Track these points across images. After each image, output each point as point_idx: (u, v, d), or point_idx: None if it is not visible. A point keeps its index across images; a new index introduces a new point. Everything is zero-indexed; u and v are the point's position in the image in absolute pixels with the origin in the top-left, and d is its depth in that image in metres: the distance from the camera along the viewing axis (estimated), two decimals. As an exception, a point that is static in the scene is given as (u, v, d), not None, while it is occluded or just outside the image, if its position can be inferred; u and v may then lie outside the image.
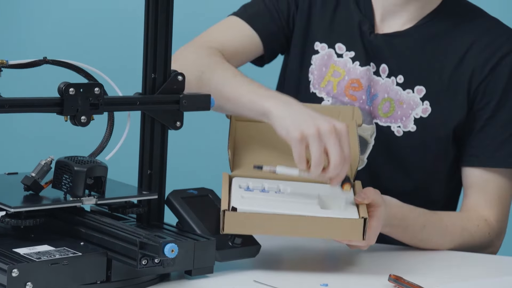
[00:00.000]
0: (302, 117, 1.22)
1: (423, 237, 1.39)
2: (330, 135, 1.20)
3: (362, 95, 1.47)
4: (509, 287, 1.24)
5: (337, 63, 1.49)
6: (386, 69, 1.48)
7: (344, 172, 1.23)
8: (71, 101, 1.15)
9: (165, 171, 1.26)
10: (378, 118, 1.48)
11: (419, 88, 1.47)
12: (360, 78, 1.47)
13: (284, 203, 1.23)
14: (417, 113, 1.47)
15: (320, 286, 1.19)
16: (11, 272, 1.03)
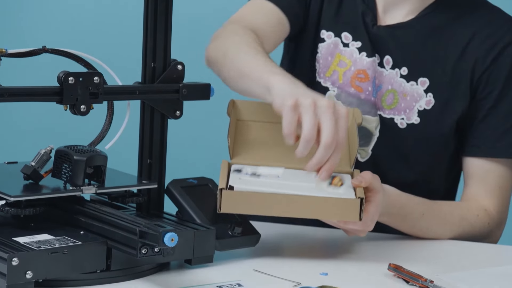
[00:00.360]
0: (303, 90, 1.15)
1: (422, 226, 1.39)
2: (327, 109, 1.10)
3: (368, 87, 1.47)
4: (508, 276, 1.25)
5: (343, 53, 1.48)
6: (390, 60, 1.47)
7: (334, 161, 1.13)
8: (71, 90, 1.15)
9: (164, 161, 1.26)
10: (381, 110, 1.48)
11: (422, 80, 1.47)
12: (366, 69, 1.47)
13: (282, 185, 1.23)
14: (420, 105, 1.47)
15: (320, 275, 1.19)
16: (11, 261, 1.03)
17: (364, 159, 1.49)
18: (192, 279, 1.15)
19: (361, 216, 1.19)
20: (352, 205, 1.19)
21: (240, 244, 1.25)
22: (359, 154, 1.49)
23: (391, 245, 1.37)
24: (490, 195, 1.47)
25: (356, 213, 1.19)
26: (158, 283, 1.13)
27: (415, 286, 1.16)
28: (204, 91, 1.27)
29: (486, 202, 1.46)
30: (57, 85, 1.15)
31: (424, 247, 1.37)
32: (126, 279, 1.13)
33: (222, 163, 1.28)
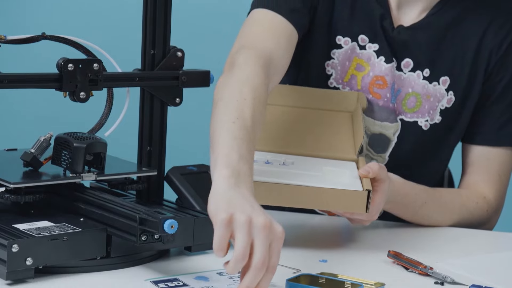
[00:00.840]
0: (240, 202, 1.00)
1: (424, 214, 1.39)
2: (262, 230, 0.98)
3: (387, 93, 1.44)
4: (508, 262, 1.25)
5: (360, 56, 1.44)
6: (411, 63, 1.44)
7: (265, 283, 0.98)
8: (70, 77, 1.15)
9: (164, 148, 1.26)
10: (403, 114, 1.45)
11: (443, 79, 1.45)
12: (385, 75, 1.44)
13: (288, 175, 1.23)
14: (442, 105, 1.45)
15: (319, 262, 1.20)
16: (11, 248, 1.03)
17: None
18: (192, 266, 1.16)
19: (368, 208, 1.19)
20: (359, 197, 1.19)
21: (240, 231, 1.25)
22: (376, 161, 1.47)
23: (390, 232, 1.37)
24: (489, 182, 1.47)
25: (363, 205, 1.19)
26: (158, 270, 1.13)
27: (415, 273, 1.16)
28: (204, 78, 1.26)
29: (485, 190, 1.47)
30: (56, 72, 1.15)
31: (423, 234, 1.37)
32: (126, 266, 1.13)
33: None
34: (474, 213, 1.44)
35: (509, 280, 1.14)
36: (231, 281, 1.09)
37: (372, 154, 1.46)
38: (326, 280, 1.07)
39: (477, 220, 1.45)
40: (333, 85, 1.47)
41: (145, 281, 1.09)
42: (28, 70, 1.17)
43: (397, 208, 1.36)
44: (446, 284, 1.12)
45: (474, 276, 1.15)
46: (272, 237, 0.99)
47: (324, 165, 1.28)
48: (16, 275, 1.04)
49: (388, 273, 1.16)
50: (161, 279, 1.09)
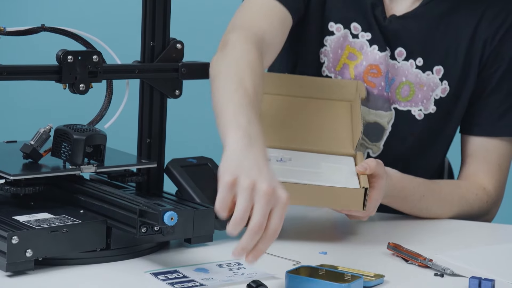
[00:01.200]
0: (249, 165, 1.02)
1: (422, 206, 1.39)
2: (263, 196, 0.99)
3: (381, 82, 1.44)
4: (508, 254, 1.25)
5: (353, 44, 1.45)
6: (404, 52, 1.45)
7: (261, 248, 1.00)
8: (70, 69, 1.15)
9: (164, 140, 1.26)
10: (397, 102, 1.45)
11: (437, 68, 1.45)
12: (379, 63, 1.44)
13: (285, 172, 1.23)
14: (437, 94, 1.45)
15: (319, 254, 1.20)
16: (11, 239, 1.03)
17: (376, 154, 1.48)
18: (191, 258, 1.16)
19: (365, 206, 1.19)
20: (356, 194, 1.19)
21: (240, 223, 1.25)
22: (371, 150, 1.47)
23: (390, 224, 1.38)
24: (489, 173, 1.47)
25: (360, 202, 1.19)
26: (158, 262, 1.13)
27: (414, 264, 1.16)
28: (203, 70, 1.26)
29: (485, 181, 1.47)
30: (56, 64, 1.15)
31: (423, 226, 1.38)
32: (126, 258, 1.13)
33: None
34: (474, 204, 1.44)
35: (508, 272, 1.14)
36: (231, 273, 1.09)
37: (367, 143, 1.47)
38: (326, 272, 1.07)
39: (477, 212, 1.45)
40: (325, 73, 1.47)
41: (145, 273, 1.09)
42: (27, 62, 1.17)
43: (396, 202, 1.36)
44: (446, 276, 1.13)
45: (474, 268, 1.15)
46: (275, 202, 1.00)
47: (322, 161, 1.28)
48: (16, 266, 1.05)
49: (388, 265, 1.16)
50: (161, 271, 1.09)
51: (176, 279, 1.06)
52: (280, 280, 1.07)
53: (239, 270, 1.10)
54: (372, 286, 1.07)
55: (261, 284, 1.02)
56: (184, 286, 1.04)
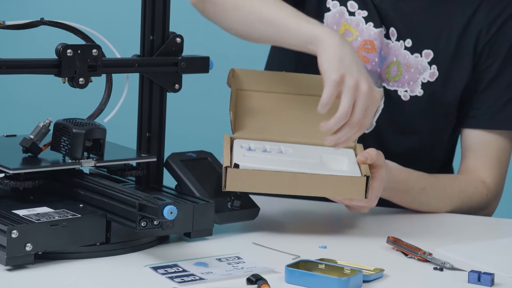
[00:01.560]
0: (350, 62, 1.19)
1: (422, 200, 1.39)
2: (365, 95, 1.18)
3: (375, 57, 1.45)
4: (507, 248, 1.25)
5: (349, 22, 1.46)
6: (395, 32, 1.46)
7: (351, 138, 1.20)
8: (69, 63, 1.15)
9: (163, 134, 1.26)
10: (386, 81, 1.47)
11: (427, 52, 1.46)
12: (373, 39, 1.45)
13: (286, 162, 1.23)
14: (424, 78, 1.46)
15: (319, 248, 1.20)
16: (10, 233, 1.03)
17: (369, 130, 1.48)
18: (191, 252, 1.16)
19: (367, 194, 1.19)
20: (358, 183, 1.19)
21: (239, 217, 1.25)
22: None
23: (389, 218, 1.38)
24: (488, 167, 1.47)
25: (362, 191, 1.19)
26: (157, 256, 1.13)
27: (414, 258, 1.16)
28: (203, 64, 1.26)
29: (484, 174, 1.47)
30: (55, 58, 1.15)
31: (423, 220, 1.38)
32: (125, 252, 1.13)
33: (224, 138, 1.27)
34: (473, 198, 1.44)
35: (508, 266, 1.14)
36: (231, 267, 1.10)
37: None
38: (326, 266, 1.07)
39: (477, 205, 1.45)
40: None
41: (144, 267, 1.09)
42: (26, 56, 1.16)
43: (396, 195, 1.36)
44: (445, 270, 1.13)
45: (473, 262, 1.15)
46: (371, 101, 1.19)
47: (322, 152, 1.28)
48: (16, 260, 1.05)
49: (387, 259, 1.16)
50: (160, 265, 1.09)
51: (175, 273, 1.06)
52: (279, 274, 1.07)
53: (239, 264, 1.10)
54: (371, 280, 1.07)
55: (261, 278, 1.02)
56: (184, 280, 1.04)
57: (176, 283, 1.03)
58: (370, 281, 1.07)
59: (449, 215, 1.42)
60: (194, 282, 1.04)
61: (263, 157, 1.25)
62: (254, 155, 1.25)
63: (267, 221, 1.31)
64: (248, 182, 1.19)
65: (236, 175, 1.18)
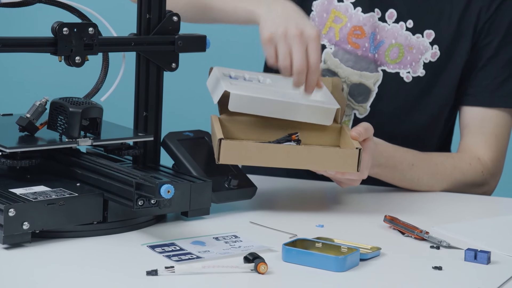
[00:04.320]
0: (278, 19, 1.24)
1: (413, 177, 1.39)
2: (294, 39, 1.21)
3: (365, 43, 1.46)
4: (503, 226, 1.26)
5: (338, 8, 1.46)
6: (394, 14, 1.45)
7: (311, 81, 1.23)
8: (65, 41, 1.14)
9: (160, 113, 1.25)
10: (385, 64, 1.46)
11: (428, 32, 1.45)
12: (363, 25, 1.45)
13: (271, 92, 1.28)
14: (426, 58, 1.46)
15: (316, 227, 1.20)
16: (7, 212, 1.03)
17: (363, 115, 1.48)
18: (188, 231, 1.16)
19: (359, 167, 1.19)
20: (351, 156, 1.19)
21: (237, 196, 1.25)
22: (357, 111, 1.48)
23: (386, 197, 1.38)
24: (485, 144, 1.47)
25: (354, 164, 1.19)
26: (155, 235, 1.13)
27: (411, 237, 1.17)
28: (200, 43, 1.25)
29: (480, 152, 1.46)
30: (51, 36, 1.14)
31: (420, 199, 1.38)
32: (123, 231, 1.13)
33: (212, 118, 1.28)
34: (468, 174, 1.44)
35: (504, 243, 1.15)
36: (228, 245, 1.10)
37: (353, 104, 1.48)
38: (323, 244, 1.08)
39: (472, 182, 1.44)
40: None
41: (142, 245, 1.09)
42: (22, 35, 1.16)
43: (385, 172, 1.36)
44: (442, 248, 1.13)
45: (470, 240, 1.16)
46: (307, 40, 1.21)
47: None
48: (13, 239, 1.05)
49: (384, 238, 1.16)
50: (158, 243, 1.09)
51: (173, 252, 1.06)
52: (276, 253, 1.07)
53: (236, 243, 1.11)
54: (368, 259, 1.07)
55: (258, 256, 1.02)
56: (181, 258, 1.04)
57: (173, 262, 1.03)
58: (367, 260, 1.07)
59: (445, 193, 1.42)
60: (192, 260, 1.04)
61: (247, 85, 1.30)
62: (239, 83, 1.29)
63: (264, 200, 1.31)
64: (241, 155, 1.19)
65: (229, 147, 1.18)
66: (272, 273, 1.02)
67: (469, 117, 1.48)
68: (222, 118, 1.29)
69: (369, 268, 1.05)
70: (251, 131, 1.29)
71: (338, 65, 1.46)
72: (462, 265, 1.08)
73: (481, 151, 1.46)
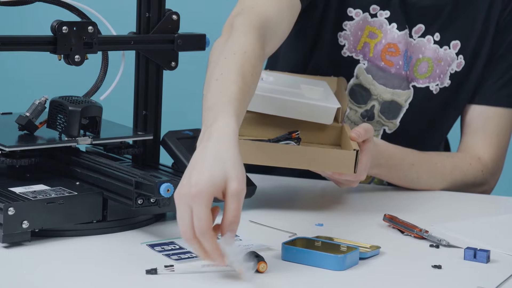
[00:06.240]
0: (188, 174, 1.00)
1: (413, 176, 1.39)
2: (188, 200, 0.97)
3: (399, 61, 1.44)
4: (503, 225, 1.26)
5: (372, 24, 1.44)
6: (422, 28, 1.43)
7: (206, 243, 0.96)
8: (65, 40, 1.14)
9: (160, 112, 1.25)
10: (415, 80, 1.45)
11: (454, 43, 1.45)
12: (397, 42, 1.43)
13: (269, 89, 1.27)
14: (452, 68, 1.45)
15: (315, 225, 1.20)
16: (7, 211, 1.03)
17: (392, 131, 1.48)
18: (188, 229, 1.16)
19: (356, 168, 1.19)
20: (347, 157, 1.19)
21: (236, 195, 1.25)
22: (387, 127, 1.47)
23: (386, 196, 1.38)
24: (486, 143, 1.46)
25: (351, 165, 1.19)
26: (154, 233, 1.13)
27: (410, 236, 1.17)
28: (199, 41, 1.26)
29: (481, 151, 1.46)
30: (50, 35, 1.14)
31: (419, 198, 1.38)
32: (122, 229, 1.13)
33: None
34: (468, 173, 1.44)
35: (503, 242, 1.15)
36: (227, 244, 1.10)
37: (383, 121, 1.47)
38: (322, 243, 1.08)
39: (472, 182, 1.45)
40: (347, 54, 1.46)
41: (141, 244, 1.09)
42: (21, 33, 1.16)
43: (385, 172, 1.36)
44: (441, 247, 1.13)
45: (469, 239, 1.16)
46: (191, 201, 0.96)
47: (301, 82, 1.34)
48: (12, 238, 1.05)
49: (384, 237, 1.16)
50: (157, 242, 1.09)
51: (172, 251, 1.06)
52: (276, 252, 1.07)
53: (236, 242, 1.10)
54: (368, 257, 1.07)
55: (258, 255, 1.02)
56: (181, 257, 1.04)
57: (172, 261, 1.03)
58: (367, 258, 1.07)
59: (445, 192, 1.42)
60: (191, 259, 1.04)
61: None
62: None
63: (263, 199, 1.31)
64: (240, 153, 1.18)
65: None
66: (271, 272, 1.02)
67: (472, 115, 1.48)
68: None
69: (368, 267, 1.05)
70: (252, 127, 1.29)
71: (371, 82, 1.45)
72: (462, 264, 1.08)
73: (482, 151, 1.46)
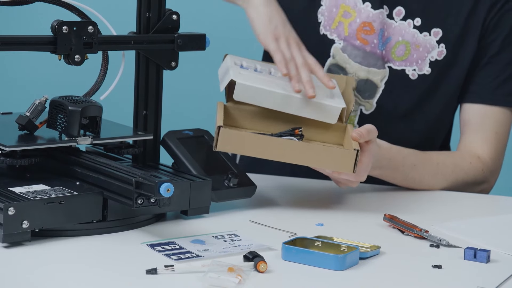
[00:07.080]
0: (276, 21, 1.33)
1: (415, 177, 1.39)
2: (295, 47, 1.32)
3: (374, 39, 1.45)
4: (503, 224, 1.26)
5: (347, 2, 1.46)
6: (402, 11, 1.45)
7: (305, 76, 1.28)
8: (65, 40, 1.14)
9: (160, 112, 1.25)
10: (391, 61, 1.46)
11: (435, 30, 1.45)
12: (372, 21, 1.45)
13: (279, 84, 1.28)
14: (432, 56, 1.46)
15: (316, 225, 1.20)
16: (7, 210, 1.03)
17: (369, 111, 1.48)
18: (188, 229, 1.16)
19: (355, 168, 1.19)
20: (347, 156, 1.19)
21: (236, 195, 1.25)
22: (364, 107, 1.48)
23: (386, 196, 1.38)
24: (485, 141, 1.46)
25: (350, 164, 1.19)
26: (154, 233, 1.13)
27: (410, 236, 1.17)
28: (199, 41, 1.25)
29: (480, 149, 1.46)
30: (51, 35, 1.14)
31: (419, 197, 1.38)
32: (122, 229, 1.13)
33: (218, 104, 1.28)
34: (469, 172, 1.44)
35: (503, 242, 1.15)
36: (227, 244, 1.10)
37: (359, 100, 1.48)
38: (322, 243, 1.08)
39: (473, 180, 1.45)
40: (322, 32, 1.48)
41: (141, 244, 1.09)
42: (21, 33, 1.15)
43: (386, 173, 1.36)
44: (442, 246, 1.13)
45: (469, 239, 1.16)
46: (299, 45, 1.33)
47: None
48: (13, 238, 1.05)
49: (384, 236, 1.16)
50: (157, 242, 1.09)
51: (172, 251, 1.06)
52: (276, 252, 1.07)
53: (236, 242, 1.11)
54: (368, 257, 1.07)
55: (258, 255, 1.02)
56: (181, 257, 1.04)
57: (173, 260, 1.03)
58: (367, 258, 1.07)
59: (445, 192, 1.42)
60: (191, 259, 1.04)
61: (256, 76, 1.30)
62: (248, 73, 1.29)
63: (264, 199, 1.31)
64: (239, 144, 1.19)
65: (227, 135, 1.18)
66: (271, 271, 1.02)
67: (470, 114, 1.48)
68: (228, 106, 1.29)
69: (368, 266, 1.05)
70: (256, 121, 1.29)
71: (346, 61, 1.47)
72: (462, 263, 1.08)
73: (481, 149, 1.46)
